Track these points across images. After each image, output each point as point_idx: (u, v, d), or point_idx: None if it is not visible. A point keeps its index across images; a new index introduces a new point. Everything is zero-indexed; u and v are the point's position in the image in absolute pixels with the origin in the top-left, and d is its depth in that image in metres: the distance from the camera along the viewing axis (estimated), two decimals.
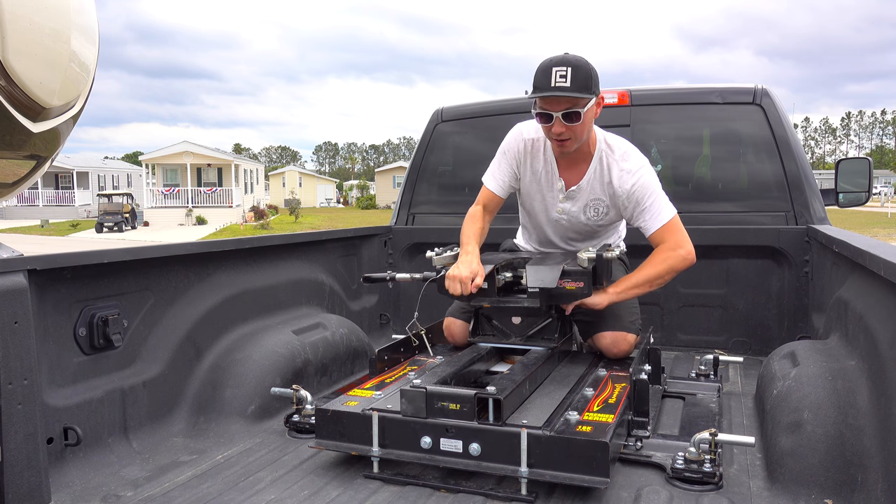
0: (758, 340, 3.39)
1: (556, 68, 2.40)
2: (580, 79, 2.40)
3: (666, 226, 2.58)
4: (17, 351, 1.71)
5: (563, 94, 2.38)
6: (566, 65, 2.40)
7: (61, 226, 33.54)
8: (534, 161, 2.74)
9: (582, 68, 2.41)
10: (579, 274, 2.43)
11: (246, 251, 2.83)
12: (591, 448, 1.82)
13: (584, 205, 2.73)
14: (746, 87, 3.49)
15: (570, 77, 2.38)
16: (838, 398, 1.88)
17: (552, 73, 2.39)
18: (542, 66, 2.44)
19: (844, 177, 3.87)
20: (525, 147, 2.74)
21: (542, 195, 2.79)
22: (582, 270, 2.42)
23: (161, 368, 2.35)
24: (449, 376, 2.22)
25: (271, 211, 39.24)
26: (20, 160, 1.78)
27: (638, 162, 2.63)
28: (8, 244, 1.91)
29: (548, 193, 2.77)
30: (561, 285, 2.41)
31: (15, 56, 1.55)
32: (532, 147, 2.73)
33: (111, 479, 2.03)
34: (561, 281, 2.41)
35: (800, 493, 1.82)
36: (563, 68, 2.39)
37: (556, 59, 2.43)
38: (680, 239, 2.58)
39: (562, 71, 2.39)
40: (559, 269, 2.43)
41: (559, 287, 2.40)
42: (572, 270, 2.43)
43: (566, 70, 2.39)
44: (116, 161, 61.60)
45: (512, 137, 2.78)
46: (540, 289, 2.42)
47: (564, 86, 2.38)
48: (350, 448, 2.10)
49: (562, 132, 2.47)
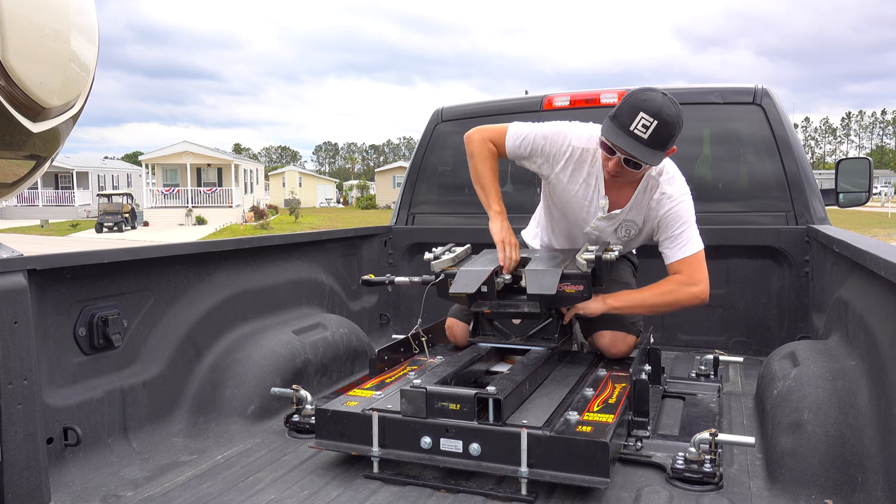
0: (758, 340, 3.39)
1: (643, 114, 2.22)
2: (661, 137, 2.23)
3: (688, 259, 2.48)
4: (17, 351, 1.71)
5: (634, 148, 2.25)
6: (656, 117, 2.21)
7: (61, 226, 33.54)
8: (576, 171, 2.59)
9: (669, 125, 2.23)
10: (578, 277, 2.42)
11: (246, 251, 2.83)
12: (591, 448, 1.82)
13: (618, 225, 2.65)
14: (747, 86, 3.49)
15: (652, 132, 2.22)
16: (838, 398, 1.88)
17: (637, 117, 2.22)
18: (631, 100, 2.27)
19: (844, 177, 3.86)
20: (572, 154, 2.57)
21: (580, 207, 2.65)
22: (581, 273, 2.42)
23: (161, 368, 2.35)
24: (449, 376, 2.22)
25: (271, 211, 39.24)
26: (20, 160, 1.78)
27: (680, 189, 2.54)
28: (8, 244, 1.91)
29: (587, 207, 2.64)
30: (560, 289, 2.40)
31: (15, 56, 1.55)
32: (579, 157, 2.57)
33: (111, 479, 2.03)
34: (560, 285, 2.40)
35: (800, 493, 1.82)
36: (651, 120, 2.21)
37: (650, 104, 2.23)
38: (697, 275, 2.48)
39: (647, 122, 2.22)
40: (558, 273, 2.42)
41: (558, 291, 2.40)
42: (571, 274, 2.42)
43: (652, 123, 2.21)
44: (116, 161, 61.60)
45: (560, 135, 2.57)
46: (540, 295, 2.41)
47: (642, 137, 2.23)
48: (350, 448, 2.10)
49: (617, 171, 2.38)
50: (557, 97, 3.78)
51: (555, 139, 2.58)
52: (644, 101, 2.25)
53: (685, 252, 2.50)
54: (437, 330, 2.98)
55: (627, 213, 2.60)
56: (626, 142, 2.27)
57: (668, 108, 2.24)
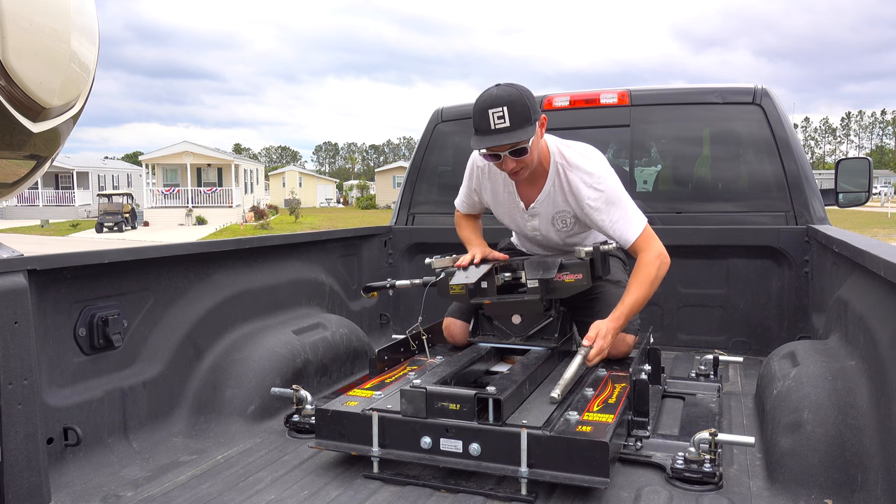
0: (758, 340, 3.39)
1: (492, 111, 2.34)
2: (518, 115, 2.33)
3: (643, 235, 2.53)
4: (17, 351, 1.71)
5: (504, 138, 2.34)
6: (501, 104, 2.33)
7: (61, 226, 33.54)
8: (493, 184, 2.74)
9: (517, 103, 2.34)
10: (577, 266, 2.42)
11: (246, 251, 2.83)
12: (591, 448, 1.82)
13: (550, 218, 2.69)
14: (746, 87, 3.49)
15: (508, 116, 2.32)
16: (838, 398, 1.88)
17: (489, 116, 2.34)
18: (477, 107, 2.38)
19: (844, 177, 3.86)
20: (482, 172, 2.74)
21: (510, 215, 2.79)
22: (580, 262, 2.42)
23: (161, 368, 2.35)
24: (449, 376, 2.22)
25: (271, 211, 39.24)
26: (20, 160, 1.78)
27: (599, 170, 2.55)
28: (8, 244, 1.92)
29: (514, 213, 2.76)
30: (560, 278, 2.40)
31: (15, 56, 1.55)
32: (489, 170, 2.71)
33: (111, 479, 2.03)
34: (559, 274, 2.41)
35: (800, 493, 1.82)
36: (499, 109, 2.33)
37: (490, 98, 2.36)
38: (656, 245, 2.53)
39: (498, 112, 2.33)
40: (557, 262, 2.44)
41: (558, 280, 2.40)
42: (570, 263, 2.44)
43: (502, 110, 2.33)
44: (116, 161, 61.59)
45: (471, 161, 2.79)
46: (539, 281, 2.42)
47: (504, 127, 2.33)
48: (350, 448, 2.10)
49: (513, 167, 2.45)
50: (557, 97, 3.78)
51: (470, 168, 2.81)
52: (485, 100, 2.37)
53: (638, 229, 2.54)
54: (437, 330, 2.98)
55: (553, 206, 2.66)
56: (495, 139, 2.36)
57: (507, 91, 2.37)
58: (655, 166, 3.81)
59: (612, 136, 3.72)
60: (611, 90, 3.65)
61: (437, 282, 2.59)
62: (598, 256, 2.46)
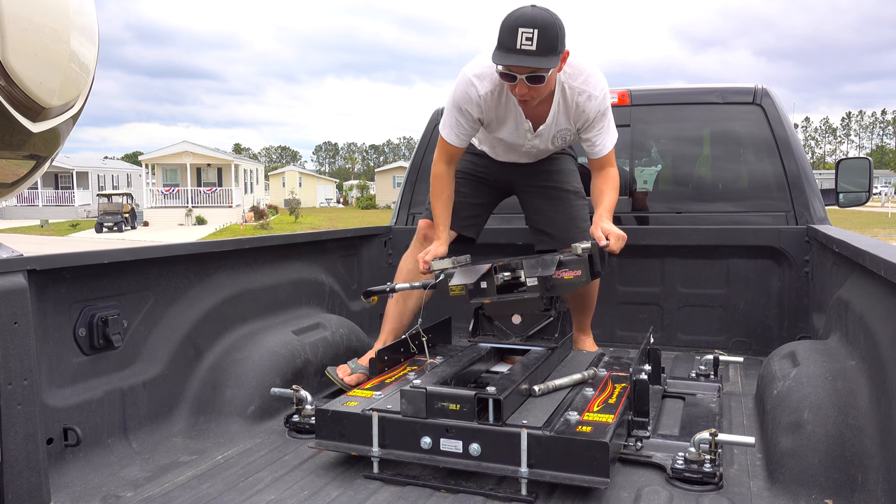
0: (758, 340, 3.39)
1: (522, 29, 2.26)
2: (547, 41, 2.27)
3: (612, 150, 2.74)
4: (16, 351, 1.71)
5: (527, 60, 2.29)
6: (533, 26, 2.26)
7: (61, 226, 33.54)
8: (497, 110, 2.68)
9: (549, 28, 2.28)
10: (576, 262, 2.43)
11: (246, 251, 2.83)
12: (591, 448, 1.82)
13: (551, 137, 2.75)
14: (746, 86, 3.49)
15: (537, 40, 2.25)
16: (838, 398, 1.88)
17: (518, 34, 2.26)
18: (507, 22, 2.31)
19: (844, 177, 3.86)
20: (485, 101, 2.63)
21: (512, 135, 2.77)
22: (578, 259, 2.43)
23: (161, 369, 2.35)
24: (449, 376, 2.22)
25: (271, 211, 39.24)
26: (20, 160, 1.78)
27: (600, 85, 2.63)
28: (8, 244, 1.91)
29: (516, 134, 2.75)
30: (559, 275, 2.41)
31: (15, 56, 1.55)
32: (491, 99, 2.63)
33: (111, 480, 2.03)
34: (558, 271, 2.42)
35: (800, 493, 1.82)
36: (530, 30, 2.26)
37: (523, 17, 2.28)
38: (613, 158, 2.78)
39: (528, 33, 2.25)
40: (556, 260, 2.45)
41: (557, 277, 2.41)
42: (569, 260, 2.44)
43: (532, 32, 2.25)
44: (116, 161, 61.58)
45: (465, 92, 2.63)
46: (538, 279, 2.42)
47: (530, 49, 2.27)
48: (350, 448, 2.10)
49: (525, 93, 2.42)
50: None
51: (466, 100, 2.65)
52: (517, 17, 2.30)
53: (613, 142, 2.75)
54: (438, 330, 2.98)
55: (556, 126, 2.71)
56: (518, 59, 2.31)
57: (542, 15, 2.31)
58: (655, 166, 3.80)
59: None
60: (611, 90, 3.65)
61: (436, 283, 2.59)
62: (595, 252, 2.47)
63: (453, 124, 2.73)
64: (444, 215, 2.83)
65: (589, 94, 2.60)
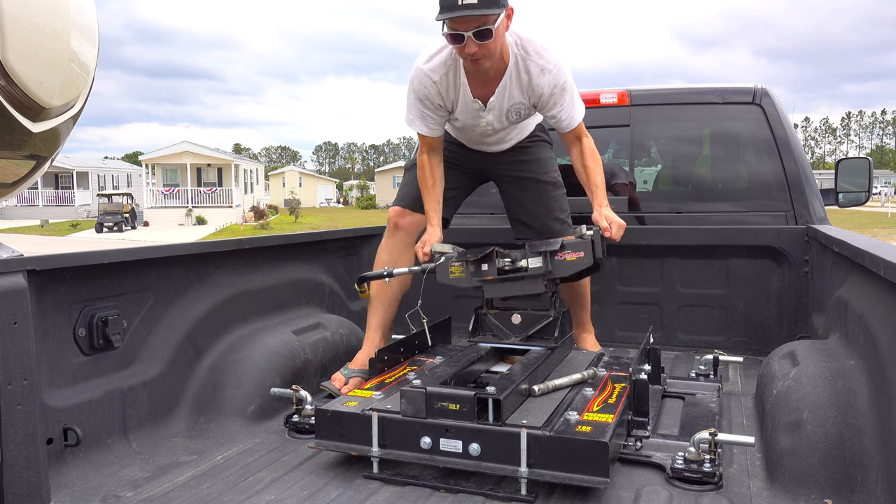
0: (758, 340, 3.39)
1: None
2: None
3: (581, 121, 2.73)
4: (16, 351, 1.71)
5: (470, 10, 2.31)
6: None
7: (61, 226, 33.53)
8: (449, 93, 2.71)
9: None
10: (579, 245, 2.43)
11: (246, 251, 2.83)
12: (591, 448, 1.82)
13: (504, 112, 2.73)
14: (746, 86, 3.49)
15: None
16: (838, 398, 1.88)
17: None
18: None
19: (844, 177, 3.87)
20: (439, 86, 2.68)
21: (463, 115, 2.77)
22: (581, 241, 2.43)
23: (161, 369, 2.35)
24: (449, 376, 2.23)
25: (271, 211, 39.23)
26: (20, 160, 1.79)
27: (555, 58, 2.62)
28: (8, 244, 1.92)
29: (467, 113, 2.75)
30: (561, 257, 2.41)
31: (15, 56, 1.55)
32: (444, 82, 2.68)
33: (111, 480, 2.03)
34: (561, 253, 2.42)
35: (799, 492, 1.82)
36: None
37: None
38: (585, 129, 2.77)
39: None
40: (559, 242, 2.46)
41: (560, 259, 2.40)
42: (571, 242, 2.45)
43: None
44: (116, 161, 61.60)
45: (421, 83, 2.71)
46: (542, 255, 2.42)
47: (471, 3, 2.30)
48: (350, 448, 2.10)
49: (475, 52, 2.43)
50: None
51: (424, 90, 2.71)
52: None
53: (581, 114, 2.75)
54: (437, 329, 2.98)
55: (508, 100, 2.69)
56: (461, 11, 2.33)
57: None
58: (655, 166, 3.81)
59: (612, 136, 3.72)
60: (610, 90, 3.65)
61: (435, 267, 2.58)
62: (598, 238, 2.47)
63: (420, 116, 2.80)
64: (434, 202, 2.86)
65: (542, 66, 2.60)
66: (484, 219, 3.84)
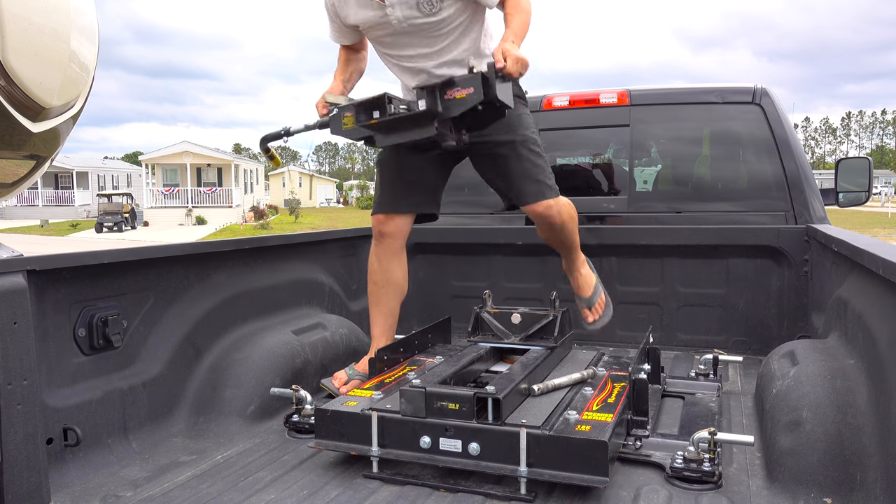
0: (757, 340, 3.39)
1: None
2: None
3: None
4: (16, 351, 1.71)
5: None
6: None
7: (61, 226, 33.53)
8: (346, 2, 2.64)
9: None
10: (467, 80, 2.28)
11: (246, 251, 2.83)
12: (590, 447, 1.82)
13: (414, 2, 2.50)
14: (746, 86, 3.49)
15: None
16: (837, 397, 1.88)
17: None
18: None
19: (844, 176, 3.87)
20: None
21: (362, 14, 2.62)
22: (471, 77, 2.27)
23: (161, 369, 2.35)
24: (448, 376, 2.23)
25: (271, 211, 39.23)
26: (20, 160, 1.79)
27: None
28: (8, 244, 1.92)
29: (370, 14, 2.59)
30: (451, 96, 2.27)
31: (15, 56, 1.55)
32: None
33: (111, 480, 2.03)
34: (450, 91, 2.27)
35: (799, 492, 1.82)
36: None
37: None
38: None
39: None
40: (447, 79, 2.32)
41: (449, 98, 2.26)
42: (460, 79, 2.30)
43: None
44: (116, 161, 61.61)
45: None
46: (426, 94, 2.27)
47: None
48: (349, 448, 2.10)
49: None
50: (557, 97, 3.78)
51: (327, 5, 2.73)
52: None
53: None
54: (437, 330, 2.98)
55: None
56: None
57: None
58: (655, 166, 3.81)
59: (612, 135, 3.72)
60: (610, 90, 3.65)
61: (329, 119, 2.47)
62: (491, 74, 2.29)
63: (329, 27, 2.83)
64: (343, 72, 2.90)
65: None
66: (484, 219, 3.84)
